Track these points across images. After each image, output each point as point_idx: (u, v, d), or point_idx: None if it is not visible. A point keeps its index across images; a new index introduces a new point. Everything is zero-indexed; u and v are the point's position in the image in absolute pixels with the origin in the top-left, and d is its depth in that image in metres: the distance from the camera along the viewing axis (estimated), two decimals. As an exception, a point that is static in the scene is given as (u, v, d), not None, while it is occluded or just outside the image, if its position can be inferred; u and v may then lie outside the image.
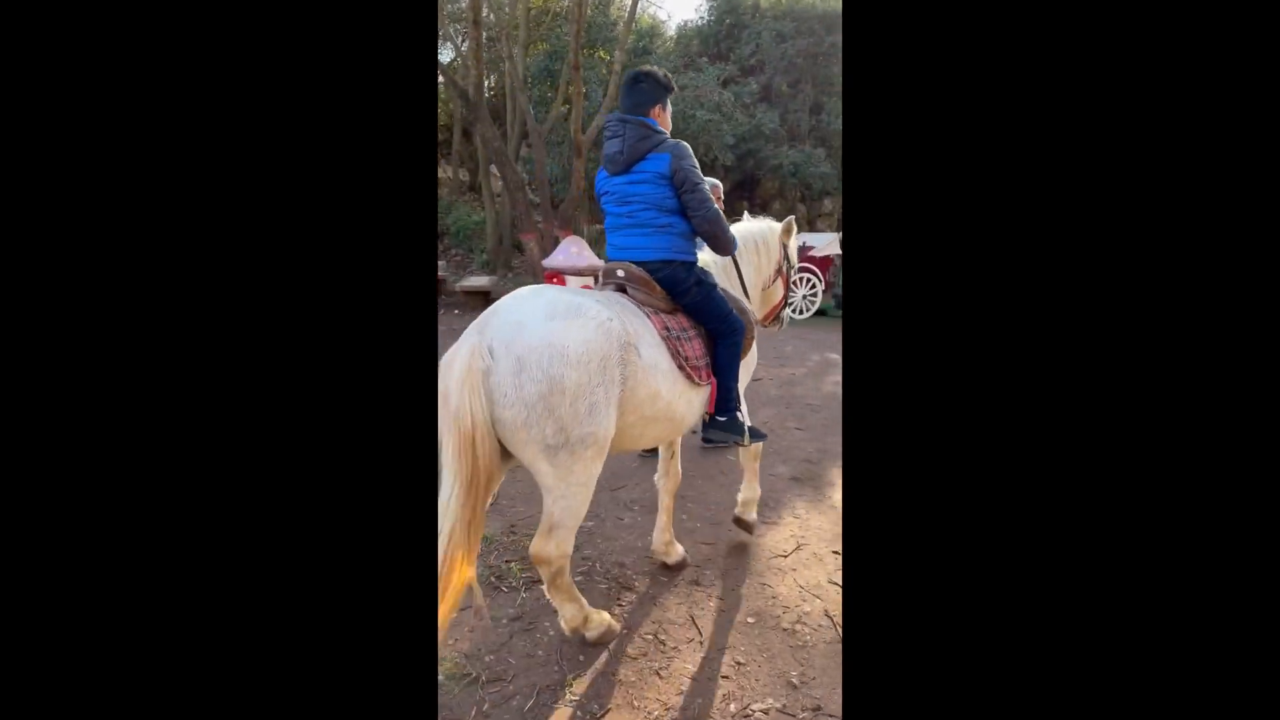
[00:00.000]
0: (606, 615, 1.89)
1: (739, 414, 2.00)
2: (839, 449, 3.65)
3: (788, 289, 2.61)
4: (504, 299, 1.67)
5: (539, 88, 10.58)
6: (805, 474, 3.27)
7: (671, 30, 13.33)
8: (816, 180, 11.28)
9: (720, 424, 1.97)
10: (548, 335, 1.53)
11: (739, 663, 1.80)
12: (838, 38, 11.41)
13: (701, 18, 12.98)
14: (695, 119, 9.50)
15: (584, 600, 1.85)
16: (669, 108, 1.98)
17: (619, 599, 2.10)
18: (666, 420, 1.82)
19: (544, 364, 1.50)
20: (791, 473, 3.27)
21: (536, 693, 1.65)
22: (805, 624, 2.00)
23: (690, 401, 1.88)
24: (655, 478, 2.34)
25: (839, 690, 1.70)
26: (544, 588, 1.79)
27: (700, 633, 1.93)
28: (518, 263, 10.37)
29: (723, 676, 1.74)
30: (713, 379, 1.94)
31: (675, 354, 1.81)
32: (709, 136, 9.57)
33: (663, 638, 1.90)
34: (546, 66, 10.33)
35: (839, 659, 1.83)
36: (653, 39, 12.01)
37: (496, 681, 1.69)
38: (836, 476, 3.24)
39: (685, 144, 1.90)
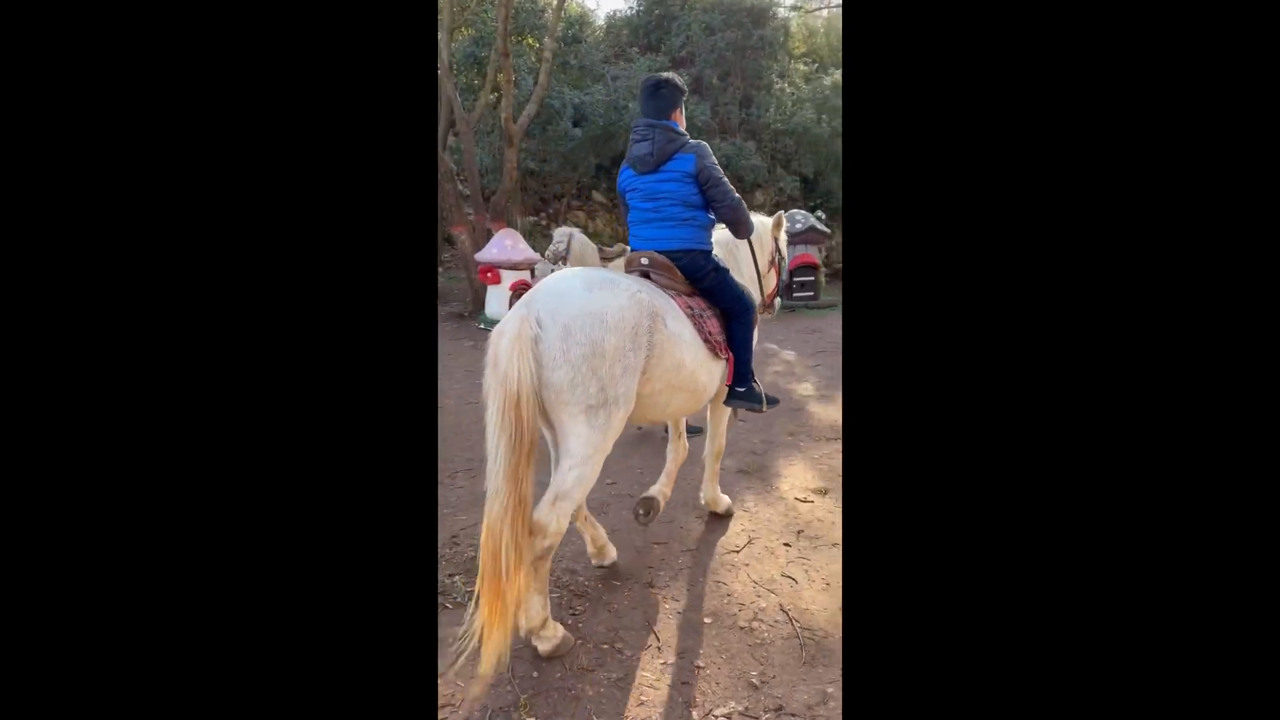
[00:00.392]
0: (563, 629, 1.81)
1: (755, 384, 2.23)
2: (783, 439, 3.70)
3: (780, 278, 2.85)
4: (545, 279, 1.83)
5: (465, 75, 10.18)
6: (751, 466, 3.28)
7: (601, 20, 13.17)
8: (748, 173, 11.43)
9: (740, 394, 2.21)
10: (588, 304, 1.70)
11: (698, 666, 1.76)
12: (765, 31, 11.58)
13: (631, 8, 12.87)
14: (628, 110, 9.41)
15: (548, 602, 1.78)
16: (684, 109, 2.20)
17: (572, 608, 2.02)
18: (690, 390, 2.00)
19: (587, 329, 1.66)
20: (738, 465, 3.27)
21: (489, 716, 1.55)
22: (761, 620, 1.99)
23: (711, 373, 2.08)
24: (667, 449, 2.57)
25: (799, 688, 1.69)
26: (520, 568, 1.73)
27: (657, 638, 1.88)
28: (448, 257, 9.99)
29: (683, 683, 1.70)
30: (729, 353, 2.17)
31: (699, 329, 2.02)
32: (642, 128, 9.53)
33: (619, 646, 1.84)
34: (473, 53, 9.95)
35: (797, 655, 1.83)
36: (582, 27, 11.80)
37: (445, 706, 1.58)
38: (782, 467, 3.27)
39: (705, 144, 2.12)
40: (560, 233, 7.15)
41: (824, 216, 10.01)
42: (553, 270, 7.13)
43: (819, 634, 1.93)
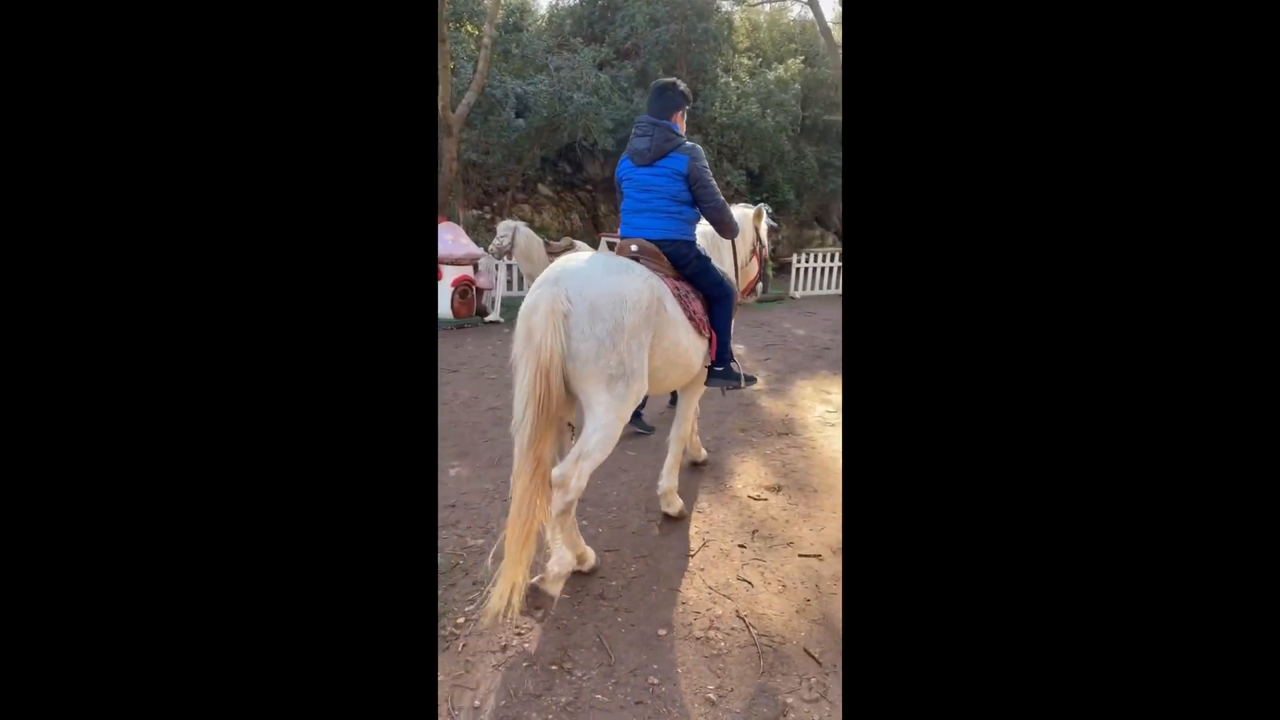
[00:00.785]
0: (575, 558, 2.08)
1: (733, 364, 2.41)
2: (735, 435, 3.65)
3: (761, 266, 3.10)
4: (563, 261, 1.99)
5: (401, 61, 9.72)
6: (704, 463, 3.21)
7: (543, 9, 12.86)
8: (695, 166, 11.39)
9: (719, 373, 2.38)
10: (612, 285, 1.90)
11: (653, 684, 1.67)
12: (709, 24, 11.56)
13: (574, -3, 12.61)
14: (573, 101, 9.19)
15: (581, 540, 2.08)
16: (686, 114, 2.40)
17: (517, 627, 1.89)
18: (683, 366, 2.21)
19: (611, 308, 1.86)
20: (689, 461, 3.19)
21: (425, 757, 1.41)
22: (718, 629, 1.91)
23: (698, 350, 2.28)
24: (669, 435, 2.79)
25: (758, 700, 1.62)
26: (548, 525, 1.94)
27: (610, 655, 1.77)
28: (387, 252, 9.54)
29: (636, 703, 1.60)
30: (711, 332, 2.34)
31: (685, 309, 2.20)
32: (587, 119, 9.30)
33: (568, 666, 1.72)
34: (408, 38, 9.53)
35: (754, 665, 1.76)
36: (523, 15, 11.49)
37: None
38: (735, 464, 3.22)
39: (700, 148, 2.32)
40: (504, 226, 6.91)
41: (770, 210, 10.10)
42: (497, 265, 6.90)
43: (776, 640, 1.87)
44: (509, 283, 7.92)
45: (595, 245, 8.66)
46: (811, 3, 11.74)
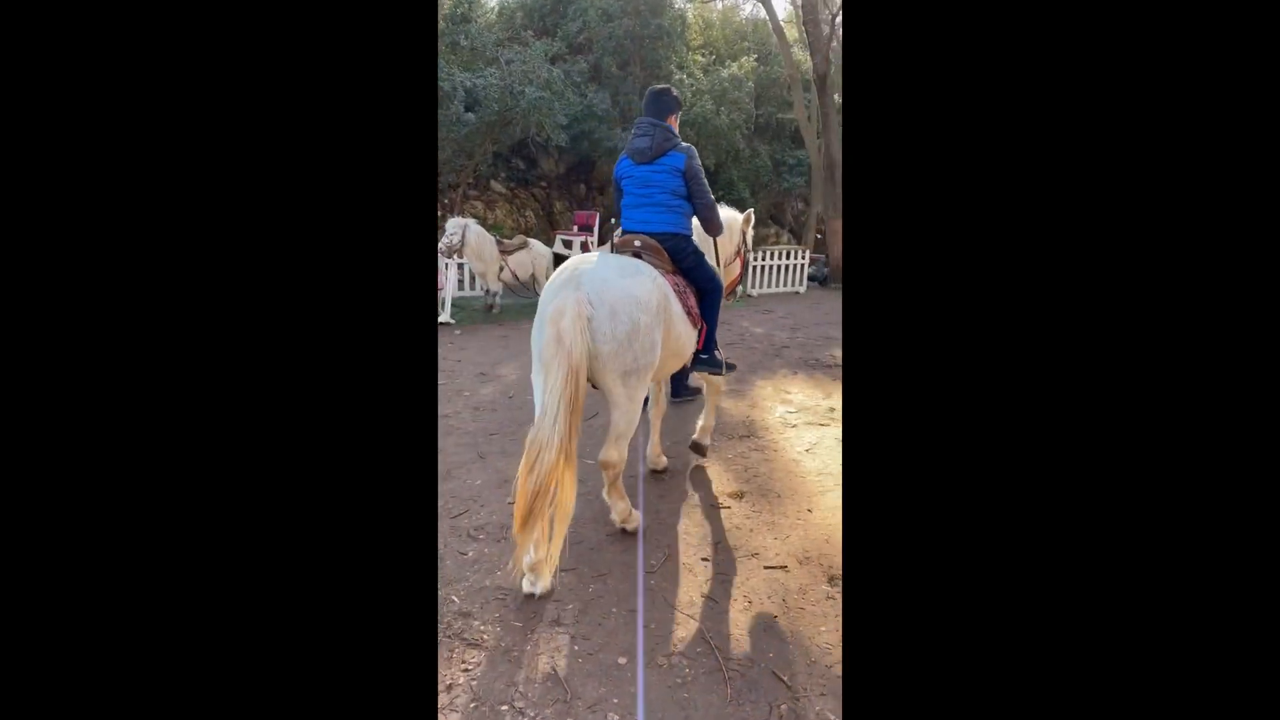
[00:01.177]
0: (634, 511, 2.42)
1: (717, 353, 2.63)
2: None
3: (744, 268, 3.28)
4: (575, 263, 2.17)
5: (342, 51, 9.26)
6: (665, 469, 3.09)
7: (493, 1, 12.51)
8: (651, 164, 11.28)
9: (704, 360, 2.60)
10: (626, 289, 2.09)
11: (613, 720, 1.54)
12: (663, 21, 11.47)
13: (525, -11, 12.30)
14: (524, 96, 8.93)
15: (628, 499, 2.42)
16: (679, 116, 2.61)
17: (464, 660, 1.73)
18: (680, 355, 2.44)
19: (629, 310, 2.06)
20: (650, 469, 3.08)
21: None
22: (682, 654, 1.79)
23: (690, 340, 2.48)
24: (648, 409, 2.97)
25: (726, 734, 1.51)
26: (603, 491, 2.38)
27: (566, 690, 1.63)
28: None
29: (595, 744, 1.47)
30: (702, 323, 2.54)
31: (684, 303, 2.39)
32: (540, 115, 9.05)
33: (520, 704, 1.58)
34: (350, 27, 9.08)
35: (721, 693, 1.65)
36: (471, 6, 11.14)
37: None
38: (697, 470, 3.11)
39: (694, 147, 2.50)
40: (454, 224, 6.66)
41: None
42: (447, 264, 6.64)
43: (743, 663, 1.76)
44: (460, 282, 7.65)
45: (550, 243, 8.46)
46: (764, 1, 11.77)
